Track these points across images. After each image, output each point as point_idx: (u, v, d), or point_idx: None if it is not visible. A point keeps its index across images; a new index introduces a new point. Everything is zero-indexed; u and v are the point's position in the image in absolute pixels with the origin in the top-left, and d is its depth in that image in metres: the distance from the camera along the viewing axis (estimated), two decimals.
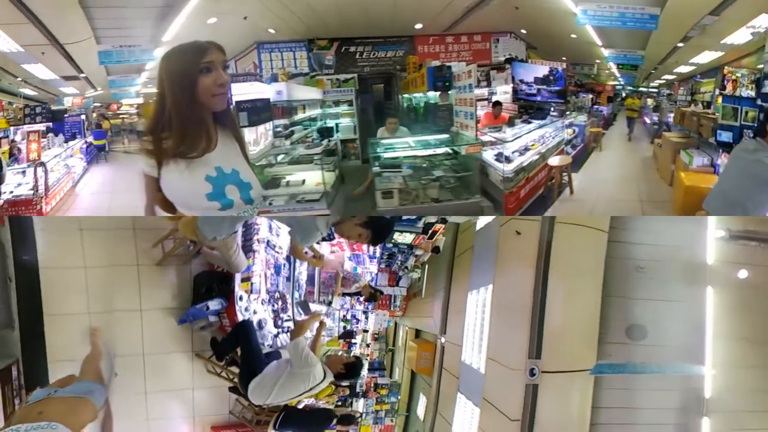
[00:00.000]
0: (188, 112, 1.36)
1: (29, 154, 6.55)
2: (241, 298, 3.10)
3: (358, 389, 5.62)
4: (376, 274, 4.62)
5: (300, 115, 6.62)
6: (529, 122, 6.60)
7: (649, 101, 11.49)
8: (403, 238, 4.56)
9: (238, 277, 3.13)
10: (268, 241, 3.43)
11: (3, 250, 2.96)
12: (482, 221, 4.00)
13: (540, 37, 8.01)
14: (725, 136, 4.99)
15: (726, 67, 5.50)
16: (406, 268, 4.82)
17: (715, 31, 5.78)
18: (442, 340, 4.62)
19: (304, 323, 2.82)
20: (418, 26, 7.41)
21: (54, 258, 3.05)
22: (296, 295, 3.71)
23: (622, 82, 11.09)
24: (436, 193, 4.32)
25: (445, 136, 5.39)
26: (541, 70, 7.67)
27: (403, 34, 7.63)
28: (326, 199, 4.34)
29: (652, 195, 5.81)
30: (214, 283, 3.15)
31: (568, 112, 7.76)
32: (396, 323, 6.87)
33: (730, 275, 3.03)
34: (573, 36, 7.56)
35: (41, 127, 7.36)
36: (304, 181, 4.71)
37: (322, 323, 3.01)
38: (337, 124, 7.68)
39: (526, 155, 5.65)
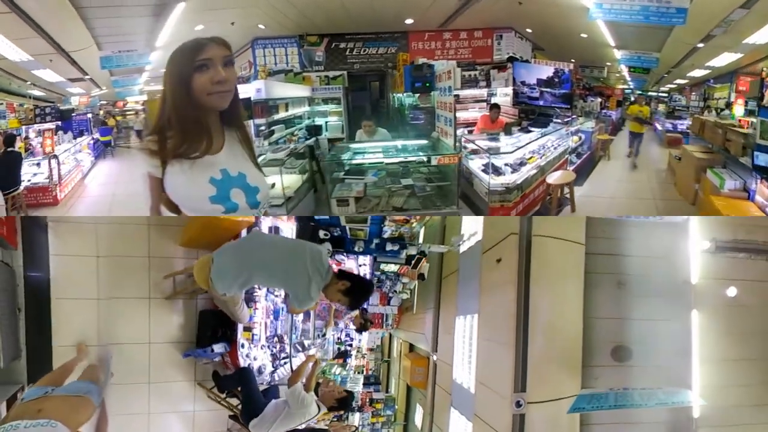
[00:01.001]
0: (185, 112, 1.34)
1: (45, 148, 7.36)
2: (242, 345, 3.29)
3: (353, 404, 5.70)
4: None
5: (282, 114, 6.43)
6: (529, 131, 5.97)
7: (661, 107, 10.83)
8: (389, 267, 4.60)
9: (240, 326, 3.29)
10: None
11: (14, 278, 2.87)
12: (466, 245, 3.94)
13: (547, 36, 7.49)
14: (763, 160, 4.38)
15: (764, 69, 5.02)
16: (395, 291, 4.86)
17: (739, 28, 5.27)
18: (434, 357, 4.64)
19: (300, 369, 3.08)
20: (409, 21, 6.97)
21: (67, 288, 3.04)
22: (293, 337, 3.86)
23: (631, 86, 10.40)
24: (401, 201, 4.08)
25: (423, 142, 5.01)
26: (545, 71, 7.05)
27: (394, 30, 7.26)
28: (287, 205, 4.28)
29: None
30: (219, 327, 3.31)
31: (574, 117, 7.13)
32: (390, 334, 6.85)
33: (718, 294, 2.87)
34: (583, 35, 7.05)
35: (52, 125, 8.02)
36: (273, 185, 4.53)
37: (316, 362, 3.24)
38: (326, 123, 7.43)
39: (521, 170, 5.11)
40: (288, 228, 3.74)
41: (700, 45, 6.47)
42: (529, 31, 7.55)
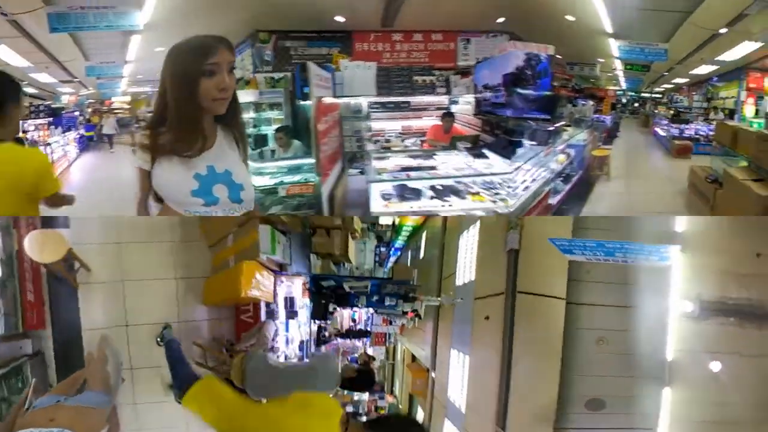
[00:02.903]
0: (186, 113, 1.36)
1: (42, 138, 8.81)
2: None
3: (361, 411, 6.25)
4: (371, 314, 4.66)
5: None
6: (482, 154, 4.17)
7: (660, 109, 9.03)
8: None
9: None
10: None
11: (44, 359, 2.86)
12: (461, 278, 3.96)
13: (524, 23, 6.06)
14: None
15: None
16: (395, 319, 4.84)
17: None
18: (433, 374, 4.84)
19: None
20: (340, 19, 6.01)
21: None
22: None
23: (623, 88, 8.73)
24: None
25: (309, 160, 3.93)
26: (513, 60, 4.51)
27: (335, 29, 6.46)
28: None
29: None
30: None
31: (557, 128, 4.86)
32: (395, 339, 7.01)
33: (697, 368, 2.43)
34: (569, 18, 5.53)
35: (44, 121, 9.67)
36: None
37: None
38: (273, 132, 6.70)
39: (451, 200, 3.42)
40: (300, 298, 3.63)
41: (723, 30, 5.20)
42: (501, 20, 6.25)
